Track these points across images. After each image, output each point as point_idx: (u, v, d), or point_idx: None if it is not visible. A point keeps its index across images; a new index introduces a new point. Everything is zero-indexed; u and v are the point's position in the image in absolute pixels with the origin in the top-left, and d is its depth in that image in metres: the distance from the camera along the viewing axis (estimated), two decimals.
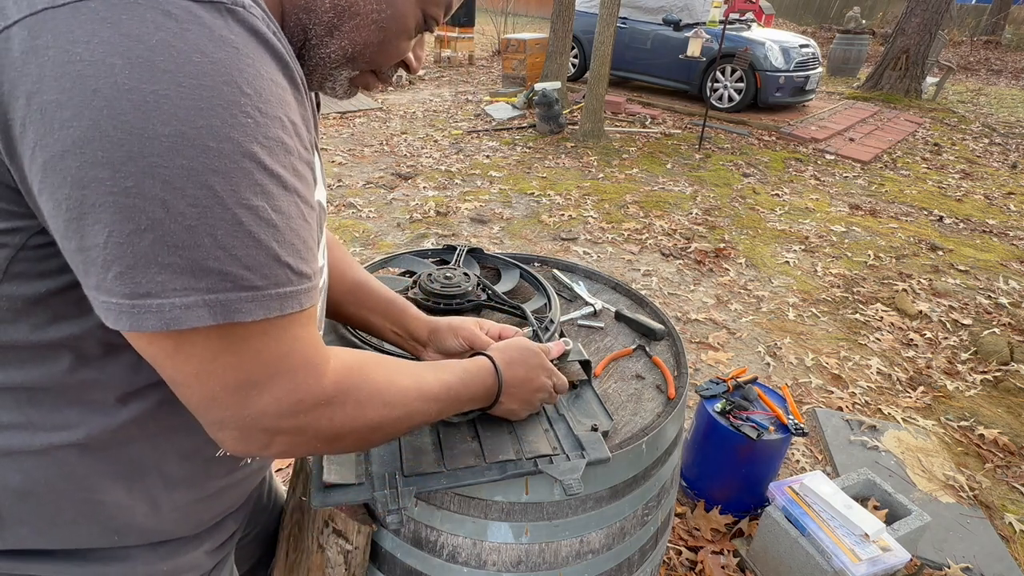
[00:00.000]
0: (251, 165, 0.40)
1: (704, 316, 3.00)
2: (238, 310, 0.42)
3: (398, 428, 0.58)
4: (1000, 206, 4.92)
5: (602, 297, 1.23)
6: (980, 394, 2.57)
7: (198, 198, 0.39)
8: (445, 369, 0.66)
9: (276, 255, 0.43)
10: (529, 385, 0.75)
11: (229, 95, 0.39)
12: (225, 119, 0.39)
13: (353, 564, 0.82)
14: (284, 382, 0.47)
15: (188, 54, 0.38)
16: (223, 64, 0.39)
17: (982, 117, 8.23)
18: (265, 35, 0.42)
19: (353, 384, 0.53)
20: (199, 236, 0.39)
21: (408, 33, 0.57)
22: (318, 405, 0.49)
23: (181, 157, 0.38)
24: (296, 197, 0.45)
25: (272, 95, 0.42)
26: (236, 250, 0.41)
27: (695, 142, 6.08)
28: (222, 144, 0.39)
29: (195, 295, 0.40)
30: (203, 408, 0.46)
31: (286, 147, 0.43)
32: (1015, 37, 16.19)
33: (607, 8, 5.30)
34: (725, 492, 1.85)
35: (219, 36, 0.39)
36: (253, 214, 0.41)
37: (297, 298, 0.45)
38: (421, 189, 4.53)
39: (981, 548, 1.78)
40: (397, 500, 0.71)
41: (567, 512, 0.79)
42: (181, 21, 0.38)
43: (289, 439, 0.50)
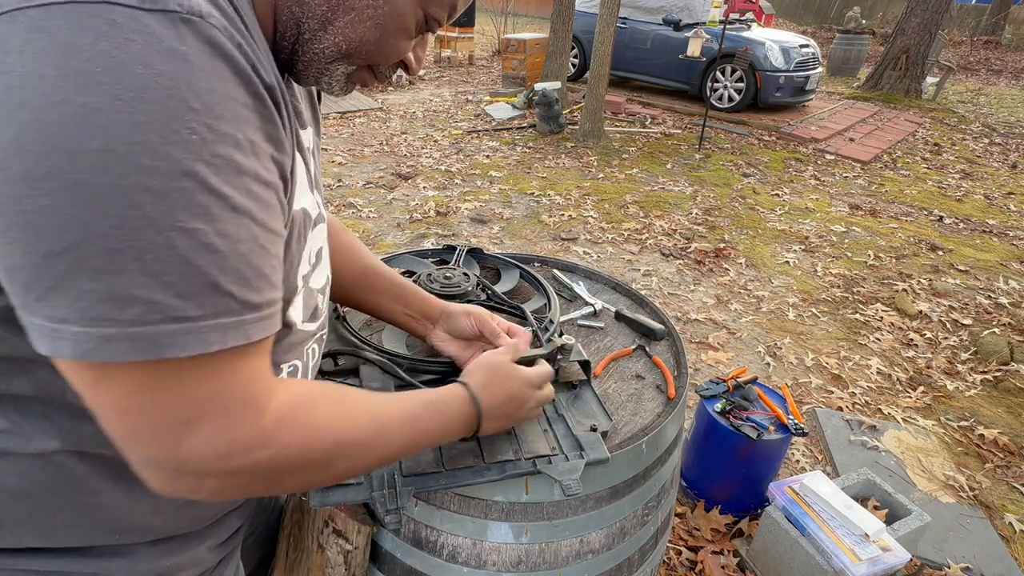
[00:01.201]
0: (192, 184, 0.37)
1: (704, 316, 3.00)
2: (168, 344, 0.38)
3: (354, 465, 0.54)
4: (1000, 206, 4.92)
5: (602, 297, 1.23)
6: (980, 394, 2.57)
7: (125, 219, 0.36)
8: (411, 399, 0.62)
9: (216, 282, 0.40)
10: (511, 404, 0.71)
11: (173, 109, 0.37)
12: (165, 135, 0.36)
13: (353, 564, 0.82)
14: (217, 421, 0.43)
15: (129, 65, 0.35)
16: (169, 77, 0.36)
17: (982, 117, 8.23)
18: (224, 48, 0.40)
19: (298, 422, 0.48)
20: (124, 261, 0.36)
21: (407, 32, 0.55)
22: (254, 447, 0.45)
23: (108, 175, 0.35)
24: (248, 220, 0.41)
25: (227, 111, 0.39)
26: (167, 277, 0.38)
27: (695, 142, 6.08)
28: (158, 161, 0.36)
29: (116, 326, 0.37)
30: (124, 444, 0.42)
31: (239, 167, 0.40)
32: (1015, 37, 16.18)
33: (607, 8, 5.30)
34: (725, 492, 1.85)
35: (168, 47, 0.37)
36: (190, 237, 0.38)
37: (243, 329, 0.42)
38: (421, 189, 4.53)
39: (981, 548, 1.78)
40: (396, 500, 0.71)
41: (567, 512, 0.79)
42: (126, 31, 0.35)
43: (221, 482, 0.46)
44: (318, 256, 0.68)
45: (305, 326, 0.63)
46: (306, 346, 0.65)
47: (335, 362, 0.92)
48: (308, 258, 0.62)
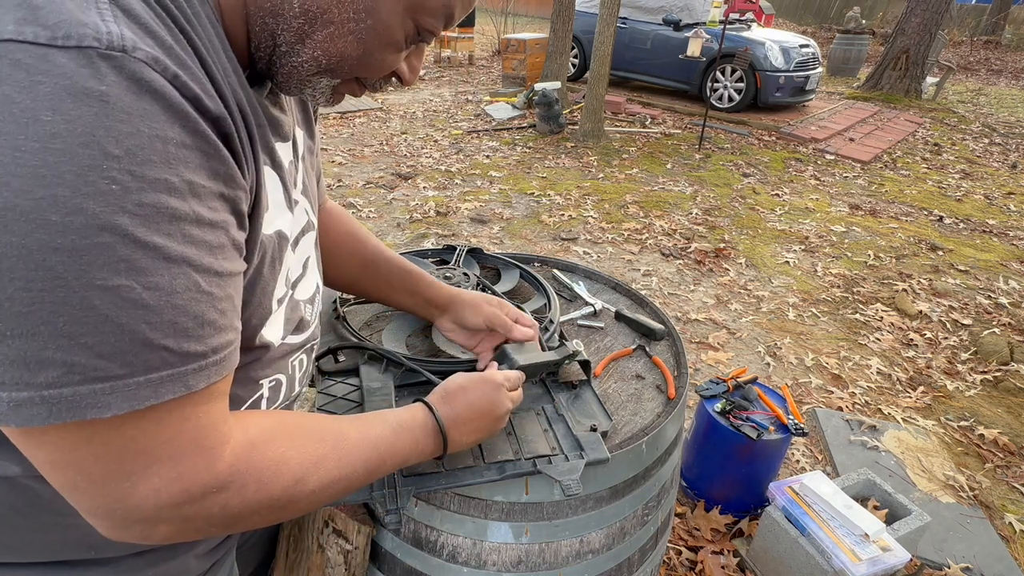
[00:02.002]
0: (112, 239, 0.35)
1: (704, 316, 3.00)
2: (91, 404, 0.36)
3: (319, 498, 0.52)
4: (1000, 206, 4.92)
5: (602, 297, 1.23)
6: (980, 394, 2.57)
7: (32, 281, 0.33)
8: (373, 422, 0.60)
9: (146, 339, 0.37)
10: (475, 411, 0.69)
11: (86, 159, 0.33)
12: (77, 187, 0.33)
13: (353, 564, 0.82)
14: (165, 471, 0.41)
15: (35, 112, 0.32)
16: (83, 122, 0.33)
17: (982, 117, 8.22)
18: (153, 84, 0.36)
19: (254, 464, 0.46)
20: (33, 324, 0.34)
21: (396, 45, 0.52)
22: (208, 493, 0.43)
23: (10, 234, 0.32)
24: (186, 268, 0.39)
25: (155, 154, 0.36)
26: (85, 338, 0.35)
27: (695, 142, 6.08)
28: (70, 217, 0.33)
29: (29, 390, 0.35)
30: (67, 495, 0.40)
31: (172, 213, 0.37)
32: (1015, 37, 16.18)
33: (607, 8, 5.30)
34: (725, 492, 1.85)
35: (82, 89, 0.33)
36: (112, 295, 0.35)
37: (182, 380, 0.40)
38: (421, 189, 4.53)
39: (981, 548, 1.78)
40: (396, 500, 0.71)
41: (567, 512, 0.79)
42: (32, 72, 0.32)
43: (174, 528, 0.44)
44: (304, 267, 0.66)
45: (289, 340, 0.62)
46: (291, 359, 0.64)
47: (335, 359, 0.92)
48: (286, 279, 0.60)
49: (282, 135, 0.57)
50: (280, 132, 0.57)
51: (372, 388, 0.86)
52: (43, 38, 0.33)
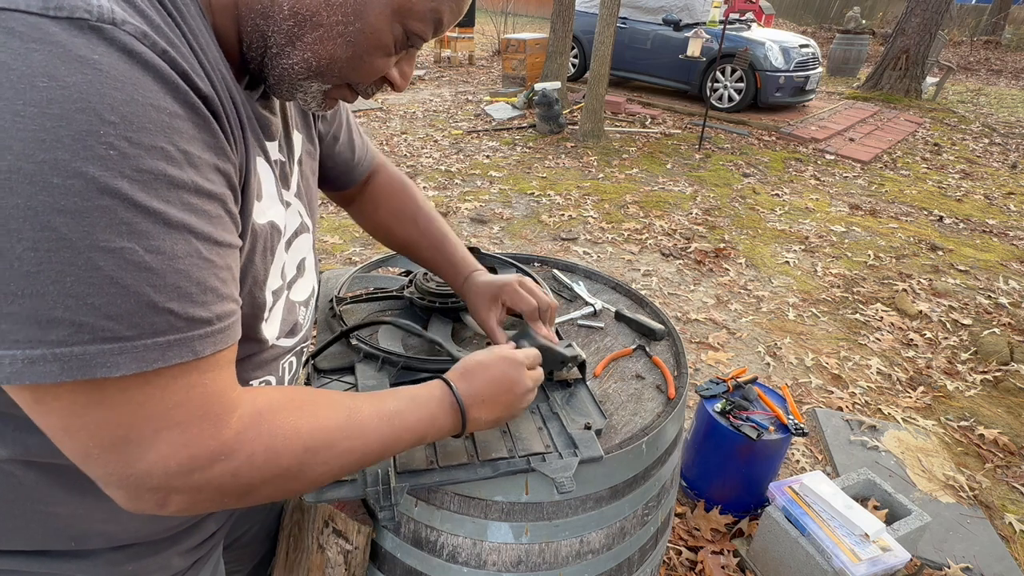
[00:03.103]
0: (112, 202, 0.36)
1: (704, 316, 3.00)
2: (101, 364, 0.37)
3: (331, 469, 0.52)
4: (1000, 206, 4.92)
5: (602, 297, 1.23)
6: (980, 394, 2.57)
7: (38, 241, 0.34)
8: (387, 396, 0.60)
9: (151, 301, 0.38)
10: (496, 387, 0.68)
11: (83, 124, 0.34)
12: (76, 151, 0.34)
13: (353, 564, 0.82)
14: (173, 437, 0.42)
15: (31, 78, 0.33)
16: (77, 89, 0.34)
17: (982, 117, 8.23)
18: (144, 56, 0.37)
19: (263, 431, 0.47)
20: (42, 284, 0.35)
21: (385, 49, 0.52)
22: (216, 460, 0.44)
23: (15, 196, 0.33)
24: (187, 234, 0.40)
25: (150, 122, 0.37)
26: (92, 298, 0.36)
27: (695, 142, 6.08)
28: (70, 180, 0.34)
29: (42, 347, 0.36)
30: (80, 463, 0.41)
31: (170, 180, 0.38)
32: (1015, 37, 16.18)
33: (607, 8, 5.30)
34: (725, 492, 1.85)
35: (76, 57, 0.34)
36: (116, 257, 0.36)
37: (188, 345, 0.41)
38: (421, 189, 4.53)
39: (981, 548, 1.78)
40: (390, 496, 0.71)
41: (567, 512, 0.79)
42: (27, 40, 0.33)
43: (187, 498, 0.44)
44: (299, 268, 0.66)
45: (281, 342, 0.62)
46: (282, 361, 0.64)
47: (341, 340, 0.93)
48: (280, 272, 0.60)
49: (270, 134, 0.58)
50: (268, 132, 0.57)
51: (367, 386, 0.86)
52: (35, 7, 0.33)
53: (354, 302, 1.10)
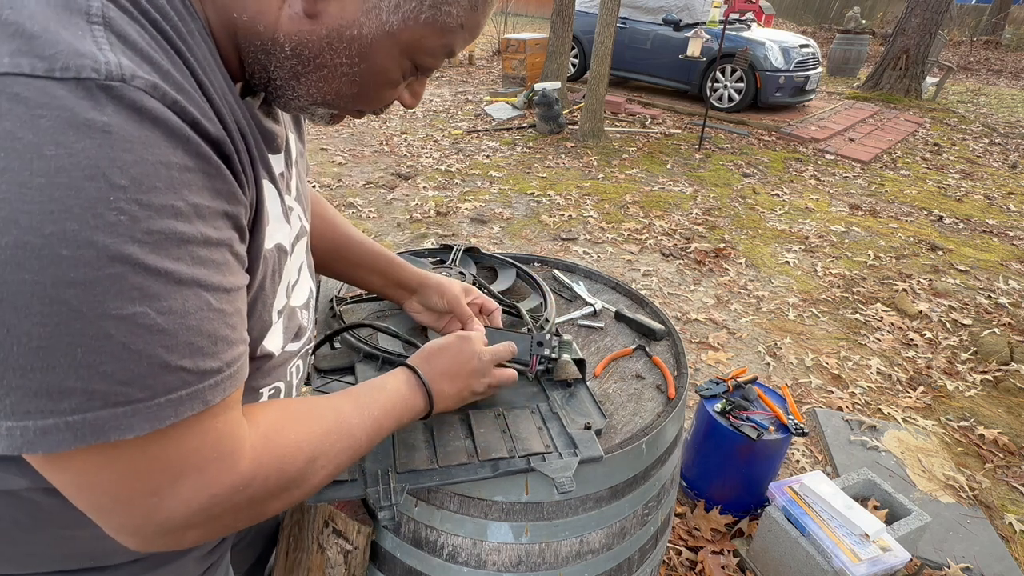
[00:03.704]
0: (123, 269, 0.35)
1: (704, 316, 3.00)
2: (113, 428, 0.36)
3: (330, 472, 0.55)
4: (1000, 206, 4.92)
5: (602, 297, 1.23)
6: (980, 394, 2.57)
7: (48, 315, 0.33)
8: (363, 392, 0.63)
9: (163, 362, 0.38)
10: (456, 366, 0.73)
11: (93, 191, 0.33)
12: (86, 221, 0.33)
13: (353, 564, 0.82)
14: (193, 482, 0.42)
15: (38, 147, 0.32)
16: (87, 154, 0.33)
17: (982, 117, 8.22)
18: (154, 111, 0.36)
19: (272, 454, 0.48)
20: (52, 357, 0.34)
21: (393, 83, 0.52)
22: (235, 493, 0.45)
23: (23, 271, 0.32)
24: (197, 289, 0.39)
25: (160, 180, 0.36)
26: (104, 366, 0.35)
27: (695, 142, 6.08)
28: (81, 251, 0.33)
29: (53, 417, 0.35)
30: (94, 516, 0.41)
31: (180, 237, 0.37)
32: (1015, 37, 16.18)
33: (607, 8, 5.30)
34: (725, 492, 1.85)
35: (84, 121, 0.33)
36: (128, 323, 0.35)
37: (200, 397, 0.40)
38: (421, 189, 4.53)
39: (981, 548, 1.78)
40: (390, 496, 0.71)
41: (567, 512, 0.79)
42: (33, 106, 0.32)
43: (203, 531, 0.45)
44: (299, 271, 0.66)
45: (289, 347, 0.62)
46: (288, 366, 0.64)
47: (332, 346, 0.93)
48: (286, 290, 0.60)
49: (275, 147, 0.57)
50: (274, 145, 0.57)
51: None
52: (40, 70, 0.32)
53: (354, 302, 1.10)
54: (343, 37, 0.47)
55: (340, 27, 0.46)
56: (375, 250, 0.92)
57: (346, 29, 0.46)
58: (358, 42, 0.47)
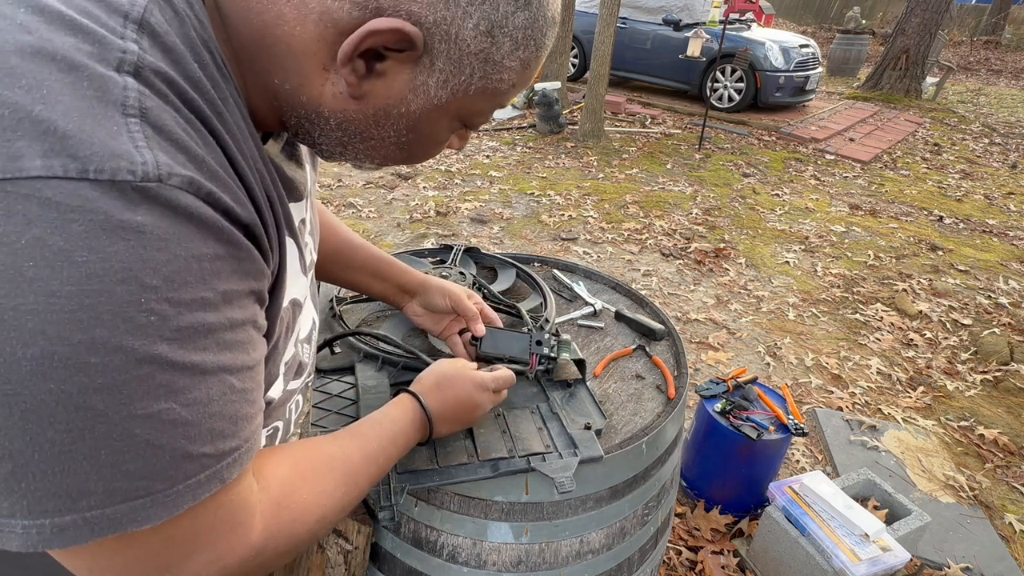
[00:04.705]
0: (151, 369, 0.34)
1: (704, 316, 3.00)
2: (132, 520, 0.36)
3: (332, 524, 0.55)
4: (1000, 206, 4.92)
5: (602, 297, 1.23)
6: (980, 394, 2.57)
7: (73, 422, 0.32)
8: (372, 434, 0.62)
9: (186, 453, 0.37)
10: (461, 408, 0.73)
11: (124, 295, 0.32)
12: (116, 326, 0.32)
13: (353, 564, 0.82)
14: (205, 556, 0.41)
15: (69, 253, 0.30)
16: (119, 258, 0.32)
17: (982, 117, 8.22)
18: (189, 208, 0.35)
19: (283, 521, 0.47)
20: (74, 460, 0.33)
21: (441, 143, 0.52)
22: (246, 561, 0.44)
23: (49, 381, 0.31)
24: (222, 374, 0.39)
25: (191, 275, 0.35)
26: (126, 464, 0.35)
27: (695, 142, 6.08)
28: (109, 357, 0.32)
29: (71, 515, 0.34)
30: None
31: (208, 327, 0.37)
32: (1015, 37, 16.18)
33: (607, 8, 5.30)
34: (725, 492, 1.85)
35: (118, 223, 0.31)
36: (153, 421, 0.35)
37: (218, 477, 0.40)
38: (421, 189, 4.53)
39: (981, 548, 1.78)
40: (390, 496, 0.71)
41: (567, 512, 0.79)
42: (64, 211, 0.30)
43: None
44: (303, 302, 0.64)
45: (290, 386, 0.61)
46: (289, 403, 0.63)
47: (332, 351, 0.93)
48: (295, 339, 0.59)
49: (297, 196, 0.56)
50: (295, 194, 0.56)
51: (367, 387, 0.86)
52: (73, 172, 0.31)
53: (354, 302, 1.10)
54: (390, 115, 0.46)
55: (387, 106, 0.46)
56: (374, 254, 0.91)
57: (393, 108, 0.46)
58: (406, 117, 0.47)
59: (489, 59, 0.45)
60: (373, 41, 0.41)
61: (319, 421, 0.82)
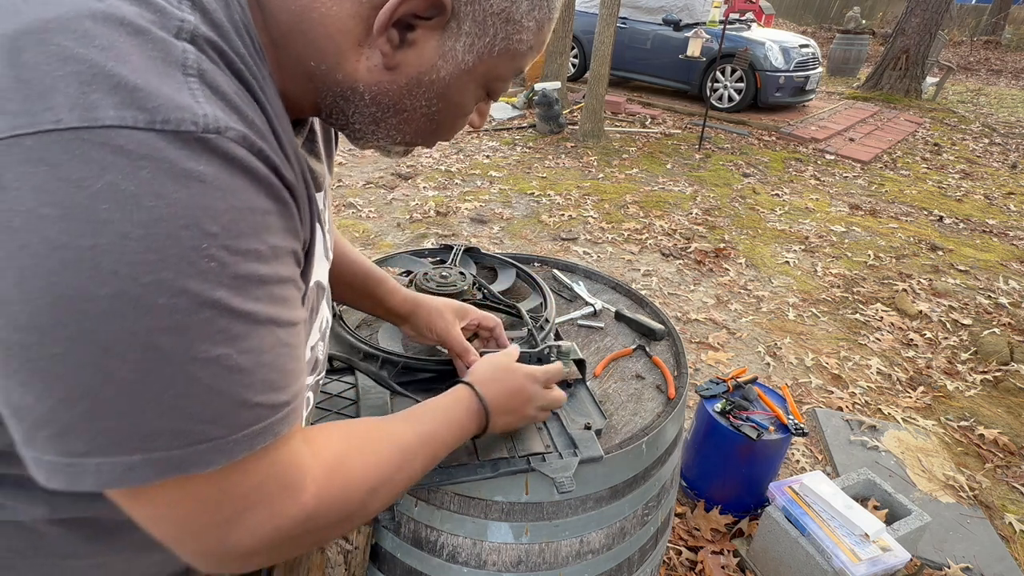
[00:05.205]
0: (212, 313, 0.36)
1: (704, 316, 3.00)
2: (194, 463, 0.38)
3: (386, 500, 0.56)
4: (1000, 206, 4.92)
5: (602, 297, 1.23)
6: (980, 394, 2.57)
7: (142, 361, 0.35)
8: (425, 417, 0.63)
9: (243, 400, 0.39)
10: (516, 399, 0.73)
11: (189, 240, 0.34)
12: (181, 269, 0.34)
13: (353, 564, 0.82)
14: (259, 512, 0.43)
15: (140, 198, 0.33)
16: (184, 205, 0.34)
17: (982, 117, 8.22)
18: (244, 161, 0.37)
19: (334, 488, 0.49)
20: (143, 400, 0.36)
21: (467, 113, 0.55)
22: (298, 524, 0.46)
23: (122, 320, 0.33)
24: (272, 327, 0.41)
25: (247, 226, 0.38)
26: (190, 408, 0.37)
27: (695, 142, 6.08)
28: (175, 299, 0.34)
29: (140, 454, 0.36)
30: (169, 544, 0.43)
31: (261, 279, 0.39)
32: (1015, 37, 16.19)
33: (607, 8, 5.30)
34: (725, 492, 1.85)
35: (182, 171, 0.34)
36: (213, 366, 0.37)
37: (272, 430, 0.42)
38: (421, 189, 4.53)
39: (981, 548, 1.78)
40: None
41: (567, 512, 0.79)
42: (135, 158, 0.33)
43: (267, 557, 0.47)
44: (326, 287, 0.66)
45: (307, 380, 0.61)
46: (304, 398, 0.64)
47: (331, 364, 0.92)
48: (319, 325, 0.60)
49: (319, 187, 0.57)
50: (317, 184, 0.57)
51: (367, 387, 0.86)
52: (142, 122, 0.33)
53: None
54: (422, 83, 0.49)
55: (419, 74, 0.48)
56: (368, 272, 0.89)
57: (425, 75, 0.48)
58: (436, 84, 0.49)
59: (510, 19, 0.48)
60: (406, 8, 0.43)
61: (318, 421, 0.82)
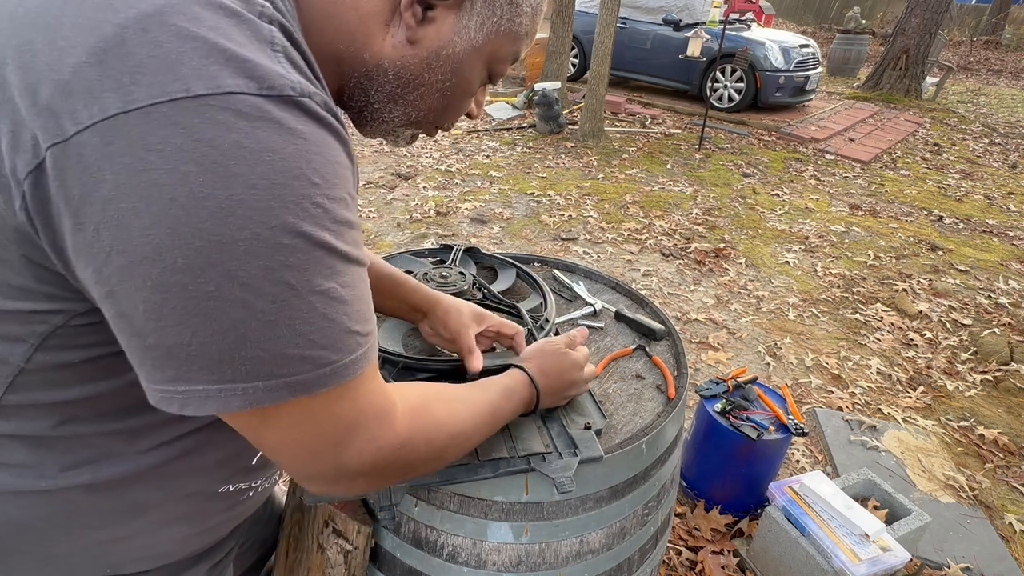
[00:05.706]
0: (321, 252, 0.42)
1: (704, 316, 3.00)
2: (317, 384, 0.44)
3: (460, 452, 0.63)
4: (1000, 206, 4.92)
5: (602, 297, 1.23)
6: (980, 394, 2.57)
7: (276, 294, 0.40)
8: (491, 389, 0.71)
9: (347, 328, 0.45)
10: (562, 382, 0.80)
11: (300, 189, 0.40)
12: (297, 214, 0.40)
13: (353, 564, 0.82)
14: (362, 435, 0.50)
15: (259, 153, 0.38)
16: (293, 159, 0.40)
17: (982, 117, 8.22)
18: (327, 120, 0.43)
19: (421, 424, 0.56)
20: (279, 329, 0.41)
21: (472, 93, 0.60)
22: (395, 449, 0.53)
23: (258, 258, 0.39)
24: (358, 266, 0.47)
25: (337, 177, 0.43)
26: (313, 334, 0.43)
27: (695, 142, 6.08)
28: (296, 240, 0.40)
29: (276, 379, 0.42)
30: (291, 468, 0.50)
31: (349, 223, 0.45)
32: (1015, 37, 16.19)
33: (607, 8, 5.30)
34: (725, 492, 1.85)
35: (289, 130, 0.40)
36: (326, 297, 0.43)
37: (367, 357, 0.48)
38: (421, 189, 4.53)
39: (981, 548, 1.78)
40: (390, 496, 0.71)
41: (567, 512, 0.79)
42: (252, 120, 0.38)
43: (370, 480, 0.53)
44: None
45: None
46: None
47: None
48: None
49: None
50: None
51: None
52: (254, 88, 0.39)
53: None
54: (440, 57, 0.54)
55: (437, 48, 0.54)
56: (388, 271, 0.91)
57: (443, 49, 0.54)
58: (452, 59, 0.55)
59: (513, 1, 0.55)
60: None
61: None
